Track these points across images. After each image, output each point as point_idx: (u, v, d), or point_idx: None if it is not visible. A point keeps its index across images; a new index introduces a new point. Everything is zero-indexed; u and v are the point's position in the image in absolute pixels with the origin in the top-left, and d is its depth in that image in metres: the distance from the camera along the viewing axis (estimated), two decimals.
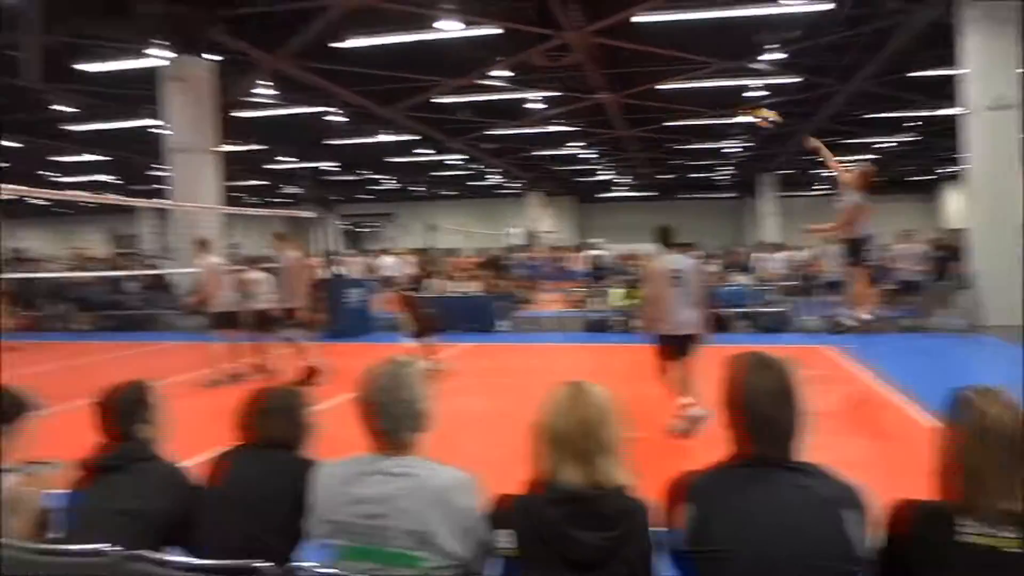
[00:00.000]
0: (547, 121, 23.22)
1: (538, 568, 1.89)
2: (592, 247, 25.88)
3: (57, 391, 2.75)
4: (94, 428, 2.50)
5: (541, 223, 38.92)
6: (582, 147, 29.00)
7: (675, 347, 6.32)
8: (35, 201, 39.42)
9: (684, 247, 7.91)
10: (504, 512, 2.00)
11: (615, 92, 18.99)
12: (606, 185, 42.09)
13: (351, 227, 41.99)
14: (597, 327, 14.30)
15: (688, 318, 6.29)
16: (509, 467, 2.08)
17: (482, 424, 6.99)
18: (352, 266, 19.02)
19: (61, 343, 14.91)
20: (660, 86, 18.52)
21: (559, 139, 26.97)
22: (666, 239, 6.64)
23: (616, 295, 14.89)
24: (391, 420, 2.10)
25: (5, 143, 24.07)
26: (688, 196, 43.38)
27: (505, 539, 1.94)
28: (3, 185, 7.60)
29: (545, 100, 20.47)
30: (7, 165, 28.45)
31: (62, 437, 2.49)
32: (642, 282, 7.01)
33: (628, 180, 40.00)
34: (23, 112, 20.00)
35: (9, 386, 2.71)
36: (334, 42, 14.62)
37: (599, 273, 19.94)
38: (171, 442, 2.66)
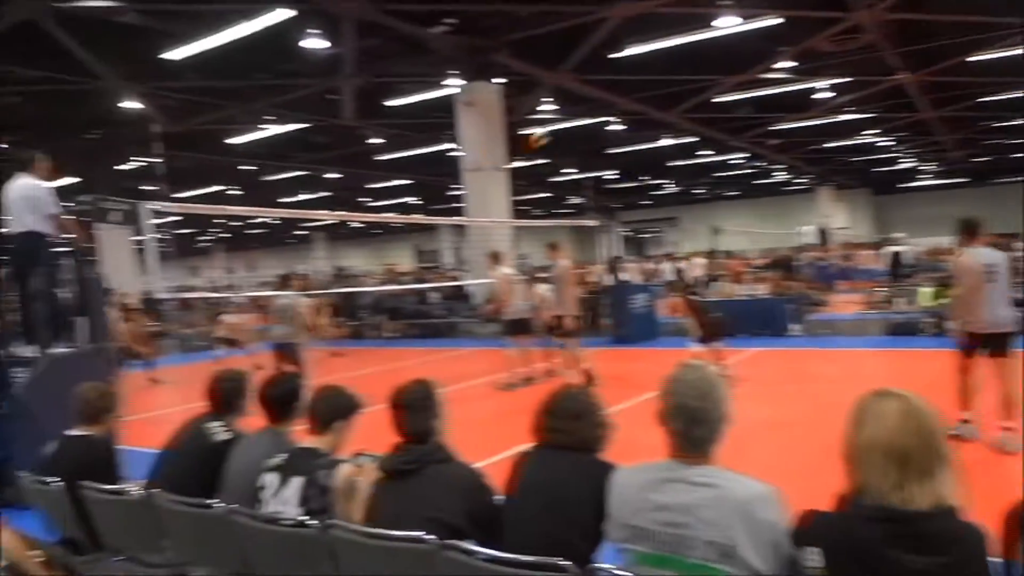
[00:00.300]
0: (837, 110, 21.69)
1: None
2: (893, 242, 23.68)
3: (377, 391, 3.09)
4: (392, 426, 2.74)
5: (833, 219, 36.47)
6: (877, 134, 26.71)
7: (986, 347, 5.93)
8: (355, 224, 44.74)
9: (1006, 238, 6.99)
10: (810, 528, 1.88)
11: (915, 71, 17.27)
12: (907, 174, 38.36)
13: (633, 233, 42.43)
14: (904, 330, 12.99)
15: (1003, 316, 5.89)
16: (804, 478, 1.97)
17: (773, 433, 6.72)
18: (635, 272, 19.19)
19: (377, 349, 16.65)
20: (971, 58, 16.51)
21: (851, 128, 25.06)
22: (972, 231, 6.09)
23: (925, 294, 13.50)
24: (693, 426, 2.06)
25: (331, 175, 27.59)
26: (1010, 180, 38.11)
27: (812, 557, 1.81)
28: (330, 212, 8.74)
29: (834, 88, 19.15)
30: (332, 194, 32.55)
31: (383, 433, 2.76)
32: (953, 279, 6.35)
33: (933, 167, 36.14)
34: (343, 147, 22.86)
35: (343, 387, 3.11)
36: (611, 52, 14.84)
37: (901, 271, 18.22)
38: (470, 441, 2.84)
